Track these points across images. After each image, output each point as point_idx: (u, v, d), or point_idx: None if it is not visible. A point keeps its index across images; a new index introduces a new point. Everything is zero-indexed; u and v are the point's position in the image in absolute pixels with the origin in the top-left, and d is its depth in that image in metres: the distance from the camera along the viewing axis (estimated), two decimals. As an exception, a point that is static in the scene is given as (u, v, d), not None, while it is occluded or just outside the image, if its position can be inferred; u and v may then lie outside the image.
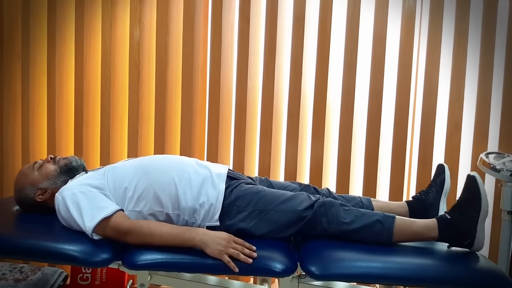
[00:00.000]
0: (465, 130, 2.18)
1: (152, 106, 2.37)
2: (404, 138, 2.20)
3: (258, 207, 1.60)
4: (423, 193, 1.81)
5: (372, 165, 2.23)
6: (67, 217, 1.55)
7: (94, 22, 2.36)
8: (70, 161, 1.76)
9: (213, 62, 2.30)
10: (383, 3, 2.17)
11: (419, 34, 2.23)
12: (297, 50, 2.24)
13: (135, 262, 1.46)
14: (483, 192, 1.51)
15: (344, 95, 2.23)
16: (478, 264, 1.49)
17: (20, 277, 2.20)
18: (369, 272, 1.42)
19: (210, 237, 1.46)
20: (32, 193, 1.69)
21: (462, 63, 2.15)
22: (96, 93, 2.39)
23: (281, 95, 2.33)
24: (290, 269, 1.46)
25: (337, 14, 2.23)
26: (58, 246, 1.47)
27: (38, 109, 2.43)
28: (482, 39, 2.13)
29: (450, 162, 2.11)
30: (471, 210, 1.51)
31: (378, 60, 2.20)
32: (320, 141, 2.26)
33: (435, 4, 2.15)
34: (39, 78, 2.42)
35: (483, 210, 1.50)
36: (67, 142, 2.43)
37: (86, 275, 2.32)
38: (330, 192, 1.83)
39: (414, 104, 2.30)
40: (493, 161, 1.93)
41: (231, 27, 2.32)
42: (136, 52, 2.34)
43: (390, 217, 1.57)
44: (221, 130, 2.33)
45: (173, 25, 2.33)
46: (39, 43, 2.40)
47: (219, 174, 1.68)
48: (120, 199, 1.60)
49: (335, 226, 1.56)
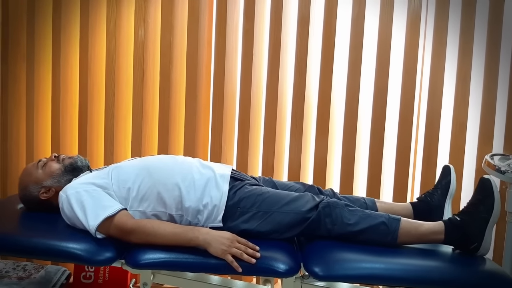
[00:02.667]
0: (470, 131, 2.17)
1: (156, 106, 2.37)
2: (408, 139, 2.20)
3: (262, 208, 1.60)
4: (428, 195, 1.79)
5: (376, 166, 2.22)
6: (71, 215, 1.55)
7: (98, 22, 2.37)
8: (75, 160, 1.76)
9: (217, 62, 2.30)
10: (388, 5, 2.16)
11: (424, 35, 2.23)
12: (301, 50, 2.24)
13: (138, 261, 1.46)
14: (497, 196, 1.50)
15: (348, 95, 2.22)
16: (482, 266, 1.48)
17: (24, 275, 2.20)
18: (373, 273, 1.42)
19: (214, 237, 1.46)
20: (36, 191, 1.70)
21: (467, 64, 2.14)
22: (100, 92, 2.40)
23: (285, 95, 2.32)
24: (293, 269, 1.46)
25: (342, 15, 2.22)
26: (62, 244, 1.48)
27: (43, 108, 2.44)
28: (487, 40, 2.12)
29: (454, 163, 2.09)
30: (483, 212, 1.50)
31: (383, 61, 2.19)
32: (324, 141, 2.25)
33: (440, 5, 2.14)
34: (43, 77, 2.42)
35: (494, 214, 1.49)
36: (71, 141, 2.44)
37: (89, 273, 2.33)
38: (334, 193, 1.83)
39: (419, 105, 2.29)
40: (498, 162, 1.92)
41: (235, 27, 2.32)
42: (140, 52, 2.34)
43: (396, 219, 1.56)
44: (225, 129, 2.33)
45: (178, 24, 2.33)
46: (44, 42, 2.40)
47: (223, 175, 1.67)
48: (124, 199, 1.60)
49: (339, 227, 1.56)
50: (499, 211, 1.50)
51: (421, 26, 2.16)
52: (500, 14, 2.10)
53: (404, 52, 2.18)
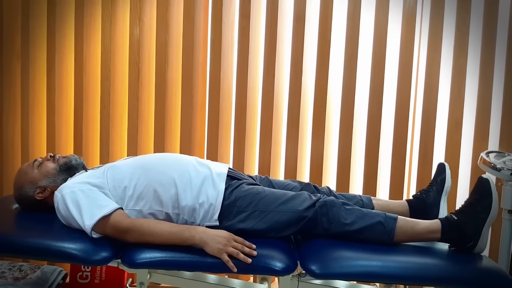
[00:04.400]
0: (466, 128, 2.18)
1: (152, 105, 2.36)
2: (404, 136, 2.20)
3: (258, 208, 1.60)
4: (424, 192, 1.80)
5: (372, 164, 2.23)
6: (66, 215, 1.55)
7: (94, 21, 2.36)
8: (69, 159, 1.75)
9: (213, 60, 2.29)
10: (383, 2, 2.16)
11: (419, 33, 2.23)
12: (297, 49, 2.24)
13: (135, 261, 1.46)
14: (495, 196, 1.50)
15: (344, 93, 2.23)
16: (478, 263, 1.49)
17: (20, 276, 2.19)
18: (370, 270, 1.42)
19: (210, 236, 1.46)
20: (31, 191, 1.69)
21: (463, 62, 2.15)
22: (95, 92, 2.39)
23: (281, 93, 2.32)
24: (290, 267, 1.46)
25: (337, 13, 2.23)
26: (58, 244, 1.47)
27: (38, 108, 2.42)
28: (483, 38, 2.13)
29: (450, 161, 2.11)
30: (481, 212, 1.50)
31: (379, 59, 2.19)
32: (320, 139, 2.26)
33: (435, 3, 2.15)
34: (38, 77, 2.41)
35: (492, 213, 1.49)
36: (66, 141, 2.43)
37: (86, 273, 2.32)
38: (330, 191, 1.83)
39: (414, 103, 2.29)
40: (493, 160, 1.92)
41: (231, 25, 2.32)
42: (136, 51, 2.33)
43: (392, 218, 1.56)
44: (221, 128, 2.33)
45: (173, 23, 2.32)
46: (39, 42, 2.39)
47: (220, 174, 1.67)
48: (119, 198, 1.60)
49: (336, 226, 1.56)
50: (496, 211, 1.50)
51: (416, 23, 2.17)
52: (495, 10, 2.10)
53: (400, 49, 2.18)
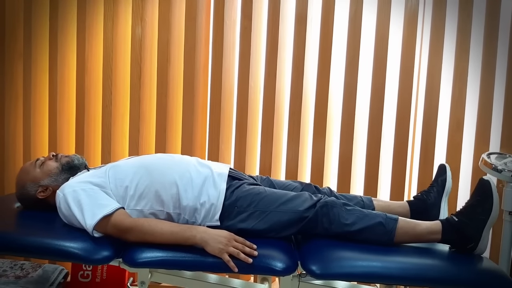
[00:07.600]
0: (467, 130, 2.18)
1: (153, 104, 2.37)
2: (405, 137, 2.20)
3: (259, 208, 1.60)
4: (425, 193, 1.80)
5: (373, 164, 2.23)
6: (68, 214, 1.55)
7: (96, 20, 2.36)
8: (72, 159, 1.76)
9: (215, 60, 2.30)
10: (385, 3, 2.17)
11: (421, 34, 2.23)
12: (299, 49, 2.24)
13: (136, 260, 1.46)
14: (495, 198, 1.50)
15: (345, 94, 2.23)
16: (479, 264, 1.49)
17: (21, 274, 2.20)
18: (370, 271, 1.42)
19: (211, 235, 1.46)
20: (33, 190, 1.70)
21: (464, 63, 2.15)
22: (97, 91, 2.39)
23: (283, 94, 2.32)
24: (290, 268, 1.46)
25: (339, 14, 2.23)
26: (59, 243, 1.47)
27: (40, 107, 2.43)
28: (484, 39, 2.13)
29: (451, 162, 2.11)
30: (481, 214, 1.50)
31: (380, 60, 2.19)
32: (322, 140, 2.26)
33: (437, 4, 2.15)
34: (40, 76, 2.42)
35: (492, 215, 1.49)
36: (68, 140, 2.43)
37: (87, 272, 2.33)
38: (331, 191, 1.83)
39: (416, 104, 2.29)
40: (494, 161, 1.92)
41: (233, 25, 2.32)
42: (138, 50, 2.33)
43: (393, 219, 1.56)
44: (223, 128, 2.33)
45: (175, 23, 2.32)
46: (41, 41, 2.40)
47: (221, 174, 1.67)
48: (121, 198, 1.60)
49: (337, 226, 1.56)
50: (497, 213, 1.50)
51: (418, 24, 2.17)
52: (497, 12, 2.10)
53: (401, 50, 2.18)
